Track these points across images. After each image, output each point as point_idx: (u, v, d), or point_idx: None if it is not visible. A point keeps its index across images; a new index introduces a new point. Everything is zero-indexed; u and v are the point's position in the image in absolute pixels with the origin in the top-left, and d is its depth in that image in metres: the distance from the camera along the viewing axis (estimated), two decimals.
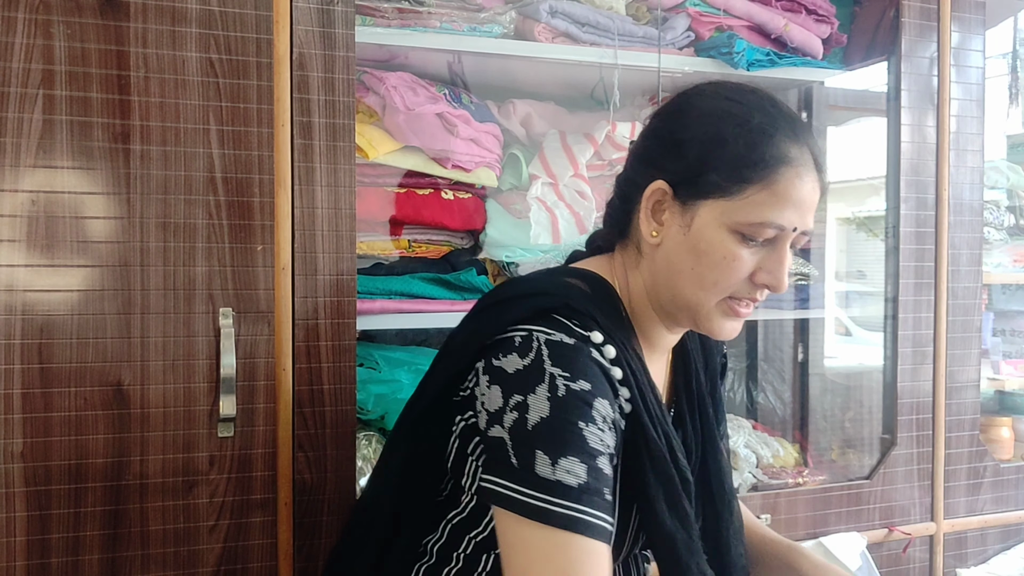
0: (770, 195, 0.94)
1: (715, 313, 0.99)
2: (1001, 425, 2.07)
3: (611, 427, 0.93)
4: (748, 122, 0.96)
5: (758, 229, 0.95)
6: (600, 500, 0.88)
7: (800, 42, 1.83)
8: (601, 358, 0.96)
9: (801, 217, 0.96)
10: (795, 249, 1.01)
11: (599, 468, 0.89)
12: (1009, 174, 2.20)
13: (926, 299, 1.79)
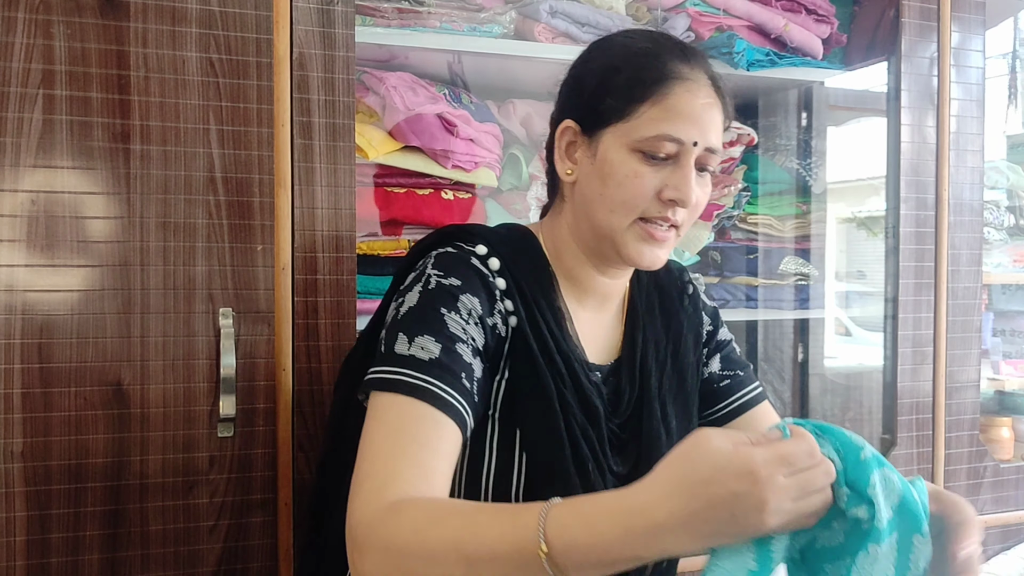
0: (662, 110, 0.98)
1: (630, 237, 1.02)
2: (1001, 425, 2.07)
3: (478, 323, 0.99)
4: (638, 49, 1.03)
5: (655, 144, 0.98)
6: (452, 379, 0.93)
7: (800, 42, 1.83)
8: (483, 267, 1.03)
9: (700, 132, 0.99)
10: (711, 172, 1.04)
11: (456, 352, 0.95)
12: (1009, 174, 2.20)
13: (926, 299, 1.79)
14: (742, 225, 1.95)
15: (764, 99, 2.04)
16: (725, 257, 1.95)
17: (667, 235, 1.02)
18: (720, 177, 1.86)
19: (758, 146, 1.95)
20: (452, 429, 0.91)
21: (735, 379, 1.20)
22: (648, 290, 1.17)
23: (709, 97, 1.01)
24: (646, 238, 1.02)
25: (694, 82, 1.00)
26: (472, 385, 0.96)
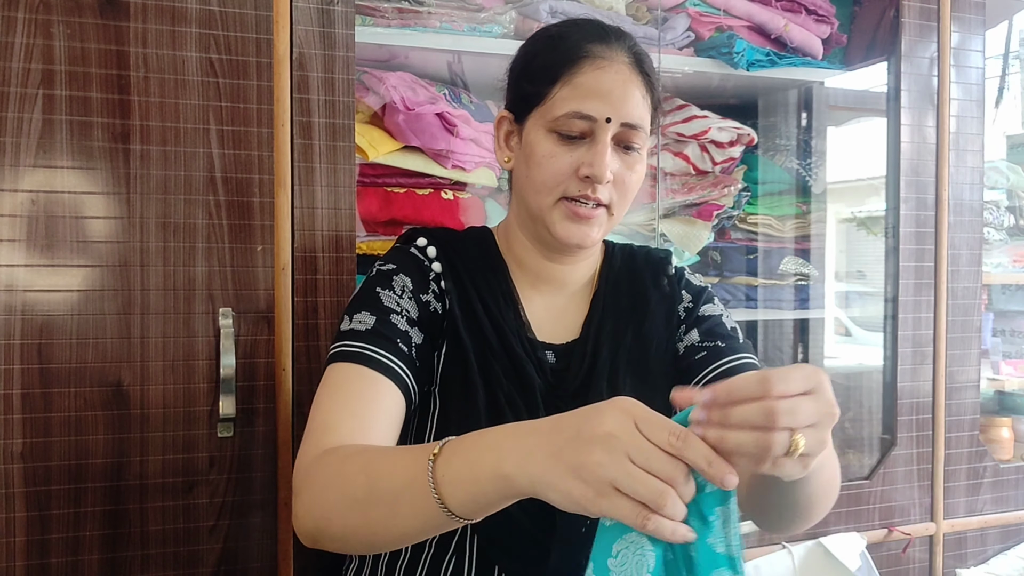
0: (572, 89, 1.01)
1: (556, 216, 1.05)
2: (1001, 425, 2.07)
3: (411, 297, 1.06)
4: (554, 33, 1.07)
5: (566, 122, 1.01)
6: (387, 343, 1.00)
7: (800, 42, 1.83)
8: (420, 254, 1.11)
9: (612, 108, 1.00)
10: (633, 150, 1.04)
11: (390, 322, 1.02)
12: (1009, 174, 2.20)
13: (926, 299, 1.79)
14: (742, 225, 1.94)
15: (764, 99, 2.04)
16: (725, 257, 1.95)
17: (593, 213, 1.04)
18: (720, 177, 1.86)
19: (758, 146, 1.95)
20: (389, 387, 0.98)
21: (714, 349, 1.17)
22: (618, 276, 1.18)
23: (624, 74, 1.02)
24: (571, 216, 1.04)
25: (607, 60, 1.02)
26: (411, 350, 1.03)
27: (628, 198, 1.07)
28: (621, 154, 1.04)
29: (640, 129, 1.03)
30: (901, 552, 1.80)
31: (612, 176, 1.02)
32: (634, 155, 1.05)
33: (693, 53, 1.76)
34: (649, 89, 1.05)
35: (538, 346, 1.10)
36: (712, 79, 1.82)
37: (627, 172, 1.04)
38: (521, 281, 1.14)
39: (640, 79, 1.04)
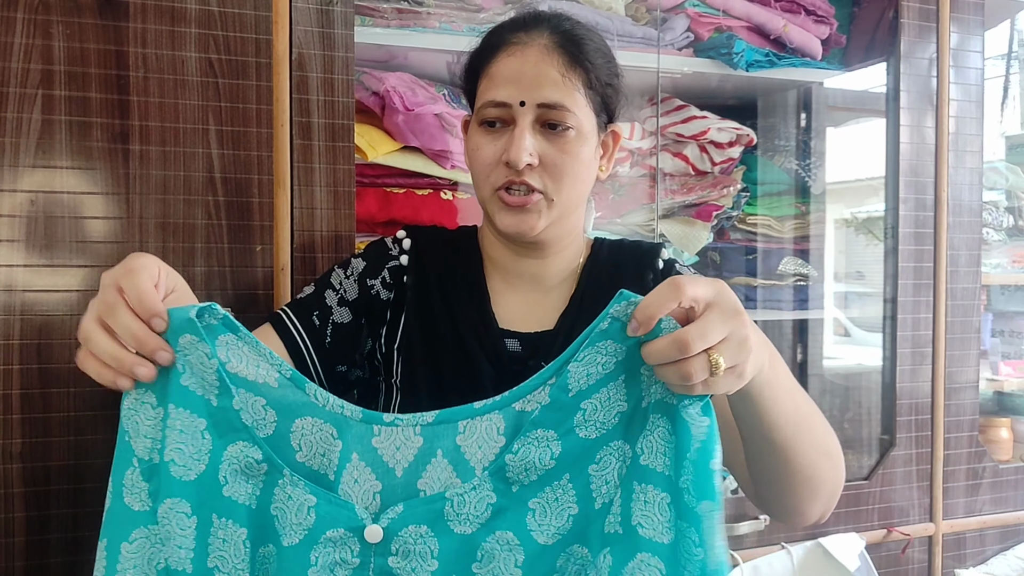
0: (489, 79, 1.04)
1: (494, 208, 1.06)
2: (1000, 426, 2.07)
3: (356, 280, 1.11)
4: (484, 31, 1.10)
5: (485, 112, 1.03)
6: (302, 311, 1.09)
7: (799, 43, 1.83)
8: (392, 244, 1.16)
9: (525, 90, 1.00)
10: (562, 130, 1.02)
11: (323, 296, 1.10)
12: (1008, 175, 2.20)
13: (925, 300, 1.79)
14: (741, 226, 1.94)
15: (763, 100, 2.04)
16: (724, 257, 1.95)
17: (526, 200, 1.03)
18: (719, 178, 1.86)
19: (757, 147, 1.95)
20: (276, 342, 1.06)
21: None
22: (601, 272, 1.15)
23: (537, 55, 1.01)
24: (504, 206, 1.04)
25: (522, 45, 1.03)
26: (326, 326, 1.09)
27: (567, 182, 1.04)
28: (548, 136, 1.02)
29: (563, 108, 1.01)
30: (900, 553, 1.80)
31: (537, 160, 1.01)
32: (566, 135, 1.02)
33: (692, 54, 1.76)
34: (575, 66, 1.02)
35: (498, 334, 1.09)
36: (711, 80, 1.82)
37: (558, 154, 1.02)
38: (494, 276, 1.14)
39: (561, 58, 1.01)
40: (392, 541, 0.74)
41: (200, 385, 0.74)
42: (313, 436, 0.76)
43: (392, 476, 0.76)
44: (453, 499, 0.74)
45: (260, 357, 0.77)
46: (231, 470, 0.74)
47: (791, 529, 1.69)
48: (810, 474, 0.91)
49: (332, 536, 0.73)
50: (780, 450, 0.88)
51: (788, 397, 0.85)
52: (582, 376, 0.74)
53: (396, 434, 0.75)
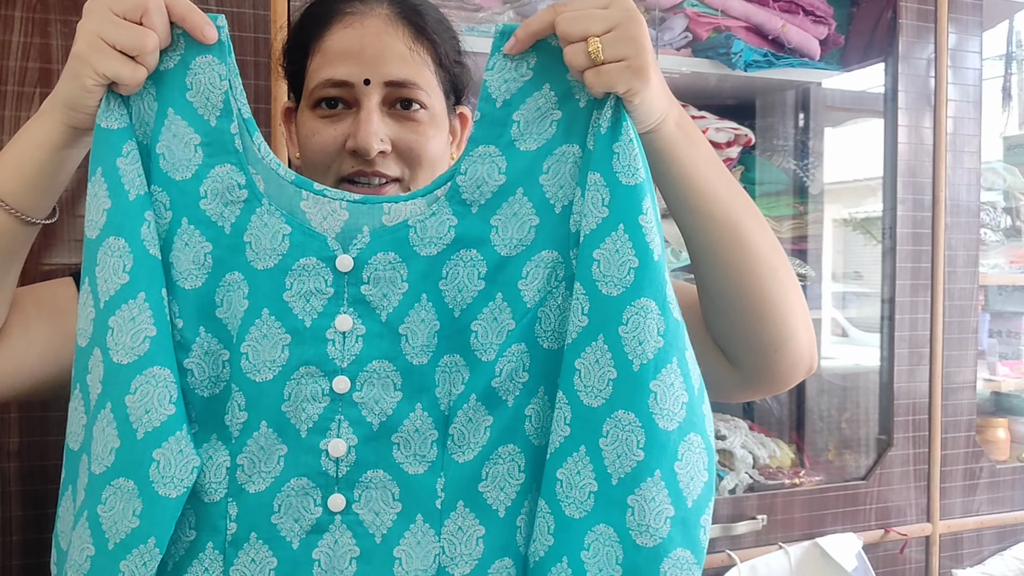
0: (322, 56, 0.90)
1: None
2: (997, 426, 2.08)
3: None
4: (307, 5, 0.96)
5: (320, 93, 0.89)
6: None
7: (798, 43, 1.83)
8: None
9: (368, 67, 0.87)
10: (416, 109, 0.90)
11: None
12: (1006, 175, 2.21)
13: (923, 300, 1.79)
14: None
15: (761, 100, 2.04)
16: None
17: (380, 192, 0.90)
18: None
19: (755, 147, 1.95)
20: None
21: None
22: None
23: (378, 27, 0.89)
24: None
25: (359, 15, 0.90)
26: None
27: (426, 168, 0.91)
28: (398, 118, 0.90)
29: (413, 85, 0.89)
30: (898, 553, 1.80)
31: (389, 145, 0.89)
32: (420, 115, 0.90)
33: (691, 54, 1.76)
34: (422, 39, 0.91)
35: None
36: (709, 80, 1.82)
37: (414, 136, 0.90)
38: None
39: (405, 30, 0.90)
40: (363, 270, 0.75)
41: (203, 105, 0.74)
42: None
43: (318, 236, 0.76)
44: (416, 225, 0.75)
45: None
46: (213, 189, 0.74)
47: (788, 529, 1.70)
48: (762, 253, 0.82)
49: (305, 264, 0.74)
50: (720, 226, 0.80)
51: (711, 164, 0.80)
52: (500, 84, 0.75)
53: (323, 204, 0.76)
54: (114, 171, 0.72)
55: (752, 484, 1.77)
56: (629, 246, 0.71)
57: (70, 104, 0.72)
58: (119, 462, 0.70)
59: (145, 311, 0.71)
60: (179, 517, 0.74)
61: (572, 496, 0.73)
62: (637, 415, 0.71)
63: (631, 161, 0.72)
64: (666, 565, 0.71)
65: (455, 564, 0.76)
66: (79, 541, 0.71)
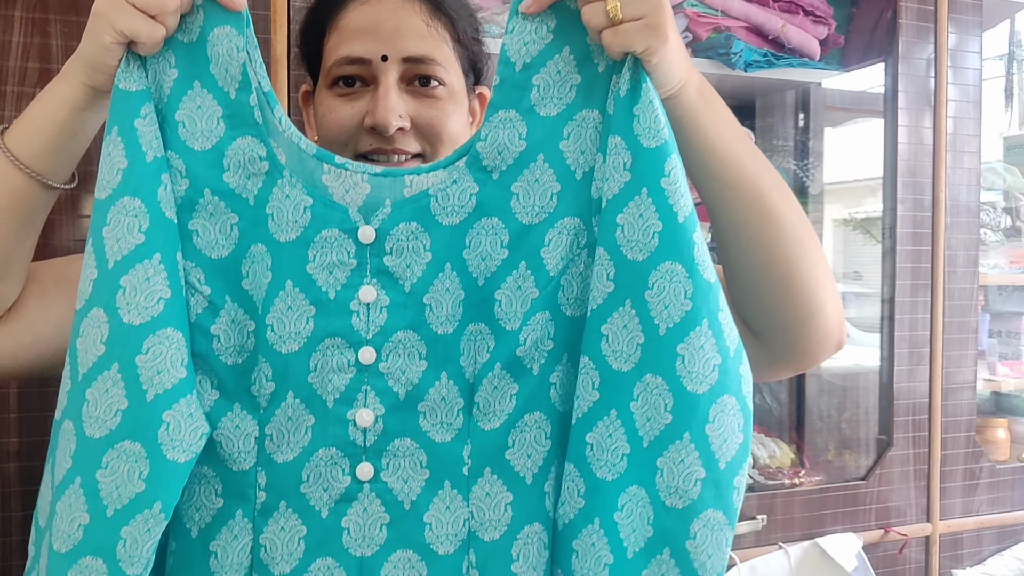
0: (339, 35, 0.90)
1: None
2: (997, 426, 2.08)
3: None
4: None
5: (338, 71, 0.89)
6: None
7: (797, 43, 1.83)
8: None
9: (385, 43, 0.87)
10: (434, 85, 0.89)
11: None
12: (1006, 176, 2.20)
13: (922, 300, 1.79)
14: None
15: (761, 100, 2.04)
16: None
17: (406, 167, 0.86)
18: None
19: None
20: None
21: None
22: None
23: (397, 3, 0.88)
24: None
25: None
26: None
27: (448, 143, 0.91)
28: (416, 94, 0.89)
29: (432, 61, 0.88)
30: (897, 553, 1.80)
31: (408, 122, 0.88)
32: (439, 91, 0.90)
33: (691, 54, 1.76)
34: (439, 15, 0.90)
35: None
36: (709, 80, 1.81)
37: (433, 112, 0.89)
38: None
39: (422, 5, 0.89)
40: (385, 240, 0.75)
41: (223, 77, 0.74)
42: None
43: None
44: (437, 195, 0.75)
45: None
46: (235, 161, 0.74)
47: (788, 529, 1.70)
48: (787, 222, 0.80)
49: (327, 236, 0.74)
50: (744, 195, 0.78)
51: (733, 132, 0.80)
52: (520, 47, 0.74)
53: (345, 176, 0.76)
54: (131, 132, 0.71)
55: (752, 484, 1.77)
56: (652, 210, 0.70)
57: (90, 63, 0.72)
58: (125, 424, 0.69)
59: (160, 272, 0.71)
60: (205, 484, 0.75)
61: (604, 459, 0.72)
62: (665, 379, 0.71)
63: (652, 123, 0.71)
64: (696, 526, 0.71)
65: (484, 529, 0.76)
66: (67, 511, 0.69)
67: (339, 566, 0.75)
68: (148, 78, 0.73)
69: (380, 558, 0.76)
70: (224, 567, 0.75)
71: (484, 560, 0.76)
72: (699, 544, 0.71)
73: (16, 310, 0.81)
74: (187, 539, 0.76)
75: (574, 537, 0.74)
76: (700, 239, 0.72)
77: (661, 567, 0.72)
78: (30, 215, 0.78)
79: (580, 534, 0.73)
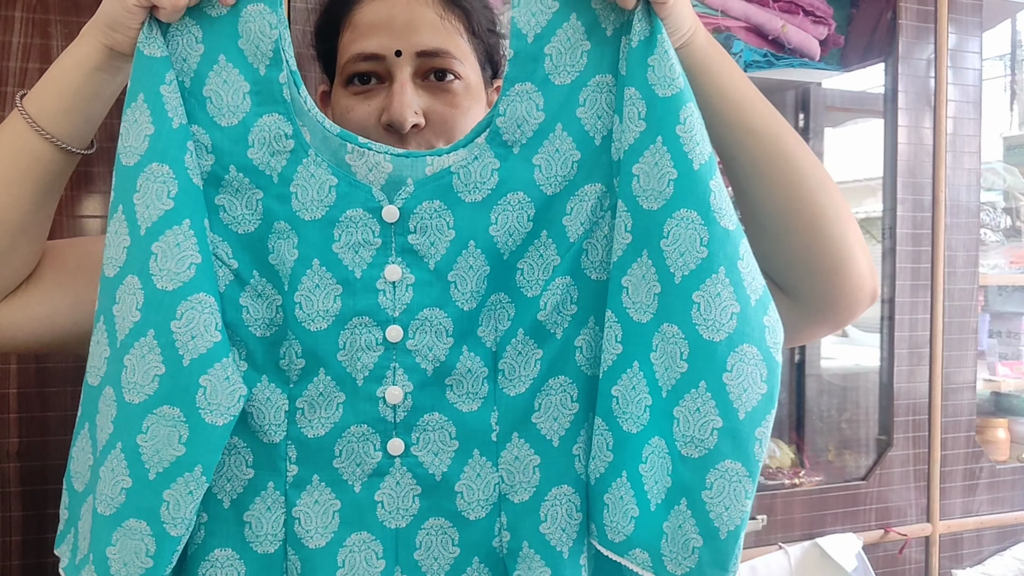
0: (352, 31, 0.89)
1: None
2: (997, 427, 2.08)
3: None
4: None
5: (352, 68, 0.88)
6: None
7: (797, 43, 1.83)
8: None
9: (399, 38, 0.86)
10: (456, 77, 0.88)
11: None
12: (1006, 176, 2.21)
13: (922, 300, 1.79)
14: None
15: None
16: None
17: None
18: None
19: None
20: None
21: None
22: None
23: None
24: None
25: None
26: None
27: (458, 129, 0.89)
28: (432, 89, 0.88)
29: (446, 54, 0.87)
30: (897, 553, 1.80)
31: (423, 119, 0.87)
32: (455, 85, 0.88)
33: None
34: (453, 7, 0.89)
35: None
36: None
37: (447, 109, 0.88)
38: None
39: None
40: (409, 219, 0.75)
41: (253, 53, 0.74)
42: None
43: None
44: (459, 172, 0.75)
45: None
46: (260, 138, 0.74)
47: (788, 529, 1.70)
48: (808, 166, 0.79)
49: (352, 215, 0.75)
50: (762, 139, 0.78)
51: (744, 78, 0.80)
52: (529, 18, 0.74)
53: (368, 156, 0.76)
54: (158, 97, 0.71)
55: None
56: (668, 158, 0.70)
57: (110, 24, 0.72)
58: (163, 389, 0.70)
59: (190, 237, 0.71)
60: (235, 454, 0.75)
61: (629, 411, 0.73)
62: (680, 327, 0.70)
63: (666, 72, 0.70)
64: (712, 476, 0.70)
65: (514, 491, 0.77)
66: (110, 475, 0.70)
67: (375, 539, 0.77)
68: (171, 49, 0.73)
69: (413, 528, 0.77)
70: (260, 536, 0.77)
71: (515, 521, 0.77)
72: (715, 495, 0.70)
73: (32, 282, 0.80)
74: (219, 509, 0.77)
75: (605, 491, 0.74)
76: (719, 187, 0.71)
77: (679, 518, 0.72)
78: (49, 181, 0.77)
79: (610, 488, 0.74)
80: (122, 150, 0.72)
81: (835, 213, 0.80)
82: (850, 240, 0.81)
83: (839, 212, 0.80)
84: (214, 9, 0.73)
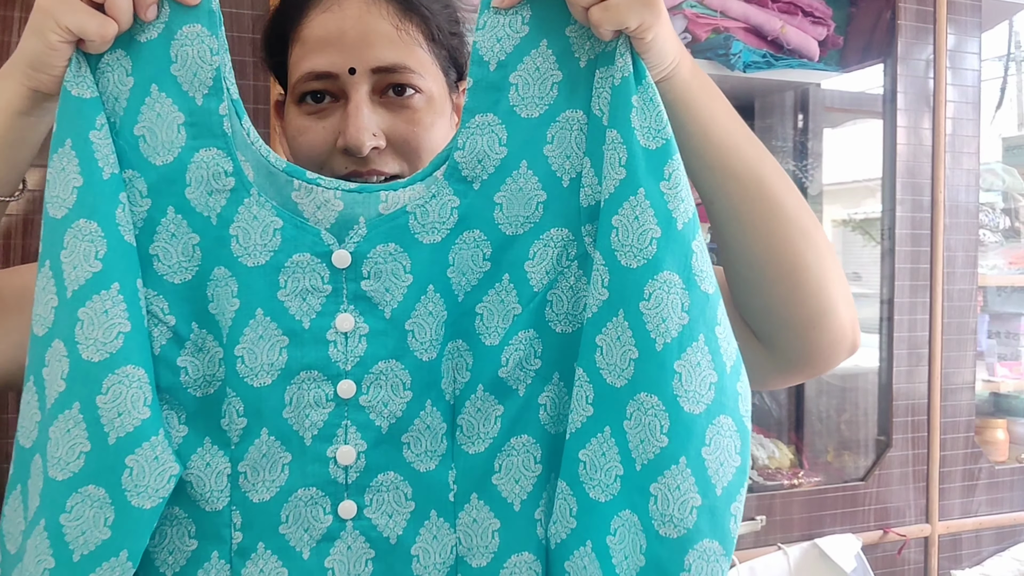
0: (302, 46, 0.81)
1: None
2: (996, 427, 2.08)
3: None
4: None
5: (303, 86, 0.81)
6: None
7: (796, 44, 1.83)
8: None
9: (352, 54, 0.79)
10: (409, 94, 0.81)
11: None
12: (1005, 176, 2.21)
13: (922, 301, 1.79)
14: None
15: (760, 101, 2.04)
16: None
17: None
18: None
19: None
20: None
21: None
22: None
23: (362, 8, 0.80)
24: None
25: (336, 2, 0.81)
26: None
27: (428, 157, 0.81)
28: (390, 106, 0.81)
29: (407, 69, 0.80)
30: (896, 554, 1.80)
31: (383, 140, 0.81)
32: (416, 100, 0.82)
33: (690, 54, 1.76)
34: (410, 15, 0.82)
35: None
36: None
37: (407, 127, 0.81)
38: None
39: (389, 7, 0.81)
40: (362, 264, 0.69)
41: (189, 81, 0.67)
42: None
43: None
44: (415, 211, 0.69)
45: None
46: (197, 176, 0.68)
47: (787, 530, 1.70)
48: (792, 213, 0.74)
49: (299, 260, 0.69)
50: (744, 184, 0.73)
51: (730, 117, 0.74)
52: (493, 43, 0.68)
53: (316, 193, 0.70)
54: (86, 145, 0.65)
55: (751, 485, 1.77)
56: (650, 214, 0.65)
57: (32, 63, 0.65)
58: (88, 468, 0.65)
59: (119, 304, 0.65)
60: (177, 525, 0.71)
61: (597, 479, 0.68)
62: (660, 398, 0.65)
63: (652, 120, 0.66)
64: (691, 557, 0.66)
65: (472, 555, 0.73)
66: (34, 552, 0.65)
67: None
68: (101, 87, 0.67)
69: None
70: None
71: None
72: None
73: None
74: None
75: (566, 558, 0.70)
76: (701, 248, 0.67)
77: None
78: None
79: (572, 555, 0.70)
80: (49, 200, 0.66)
81: (817, 264, 0.75)
82: (831, 293, 0.76)
83: (822, 263, 0.75)
84: (143, 33, 0.66)
